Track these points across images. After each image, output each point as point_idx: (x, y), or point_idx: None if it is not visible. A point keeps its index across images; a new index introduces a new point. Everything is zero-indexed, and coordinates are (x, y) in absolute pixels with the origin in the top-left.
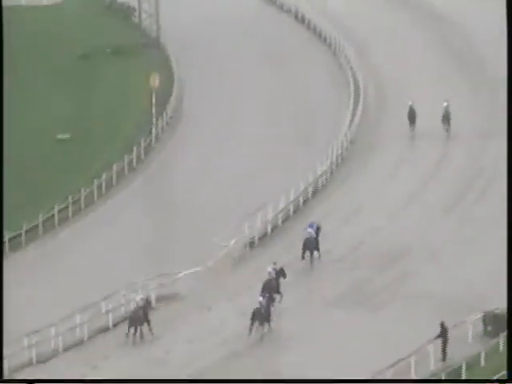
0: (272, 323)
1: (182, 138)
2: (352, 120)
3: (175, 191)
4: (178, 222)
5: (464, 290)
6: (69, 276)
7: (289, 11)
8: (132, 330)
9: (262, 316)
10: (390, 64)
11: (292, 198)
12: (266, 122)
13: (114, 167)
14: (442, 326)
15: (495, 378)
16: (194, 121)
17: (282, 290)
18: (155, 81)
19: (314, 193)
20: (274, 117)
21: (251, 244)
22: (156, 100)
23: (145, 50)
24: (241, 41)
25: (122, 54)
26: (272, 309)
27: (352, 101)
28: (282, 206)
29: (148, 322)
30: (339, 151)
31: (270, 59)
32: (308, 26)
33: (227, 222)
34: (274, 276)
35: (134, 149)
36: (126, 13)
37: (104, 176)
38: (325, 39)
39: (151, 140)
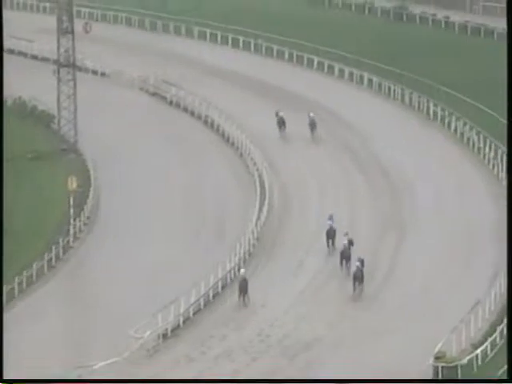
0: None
1: (99, 236)
2: (258, 218)
3: (92, 287)
4: (95, 316)
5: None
6: None
7: (199, 117)
8: (241, 296)
9: (360, 277)
10: (293, 165)
11: (203, 291)
12: (177, 219)
13: (34, 265)
14: None
15: None
16: (110, 220)
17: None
18: (73, 184)
19: (223, 287)
20: (185, 215)
21: (164, 336)
22: (74, 201)
23: (63, 154)
24: (154, 144)
25: (42, 158)
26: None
27: (258, 200)
28: (193, 299)
29: (247, 292)
30: (246, 247)
31: (183, 163)
32: (217, 131)
33: (142, 314)
34: (348, 246)
35: (53, 248)
36: (46, 120)
37: (25, 273)
38: (232, 143)
39: (69, 239)
